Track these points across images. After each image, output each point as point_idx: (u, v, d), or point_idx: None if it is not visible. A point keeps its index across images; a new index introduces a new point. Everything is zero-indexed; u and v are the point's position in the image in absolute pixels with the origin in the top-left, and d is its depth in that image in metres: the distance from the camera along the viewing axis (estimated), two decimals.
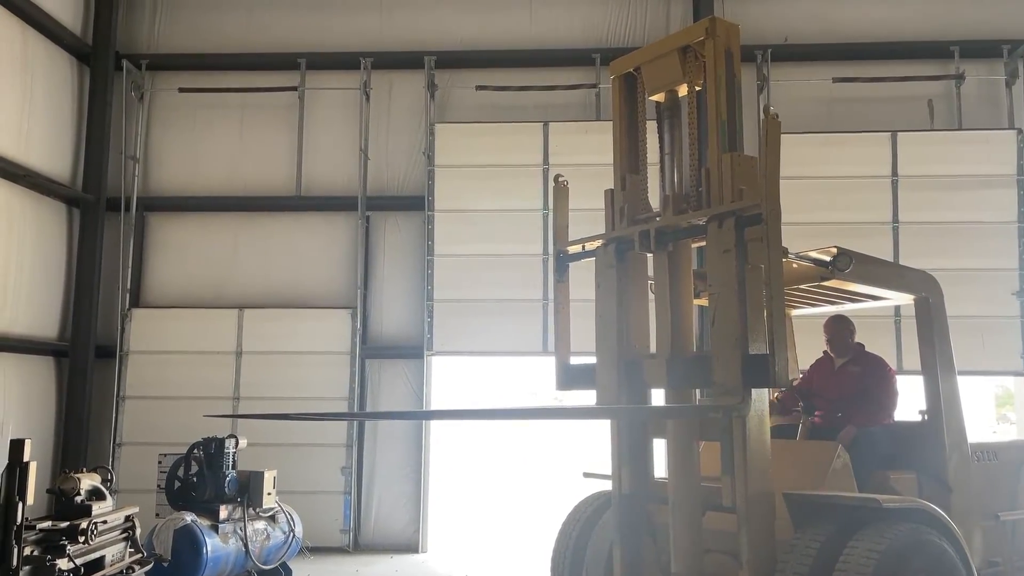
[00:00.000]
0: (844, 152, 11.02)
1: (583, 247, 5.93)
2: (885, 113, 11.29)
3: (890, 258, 10.30)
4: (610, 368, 5.57)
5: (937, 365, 6.11)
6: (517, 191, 11.23)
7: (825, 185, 10.91)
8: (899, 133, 11.03)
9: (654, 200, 5.72)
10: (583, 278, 6.17)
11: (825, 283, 5.88)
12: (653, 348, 5.65)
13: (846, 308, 6.77)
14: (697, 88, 5.27)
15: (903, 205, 10.90)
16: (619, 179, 5.77)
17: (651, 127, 5.83)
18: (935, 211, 10.83)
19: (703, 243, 5.25)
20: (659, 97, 5.60)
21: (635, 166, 5.78)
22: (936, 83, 11.37)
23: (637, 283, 5.70)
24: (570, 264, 6.09)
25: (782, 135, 4.80)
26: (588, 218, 6.67)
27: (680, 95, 5.50)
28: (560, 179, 6.04)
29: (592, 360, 5.76)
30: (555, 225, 6.10)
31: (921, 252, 10.32)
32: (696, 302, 5.97)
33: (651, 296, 5.74)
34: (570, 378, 5.96)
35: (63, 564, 5.24)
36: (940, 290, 6.30)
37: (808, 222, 10.24)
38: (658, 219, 5.47)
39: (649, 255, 5.64)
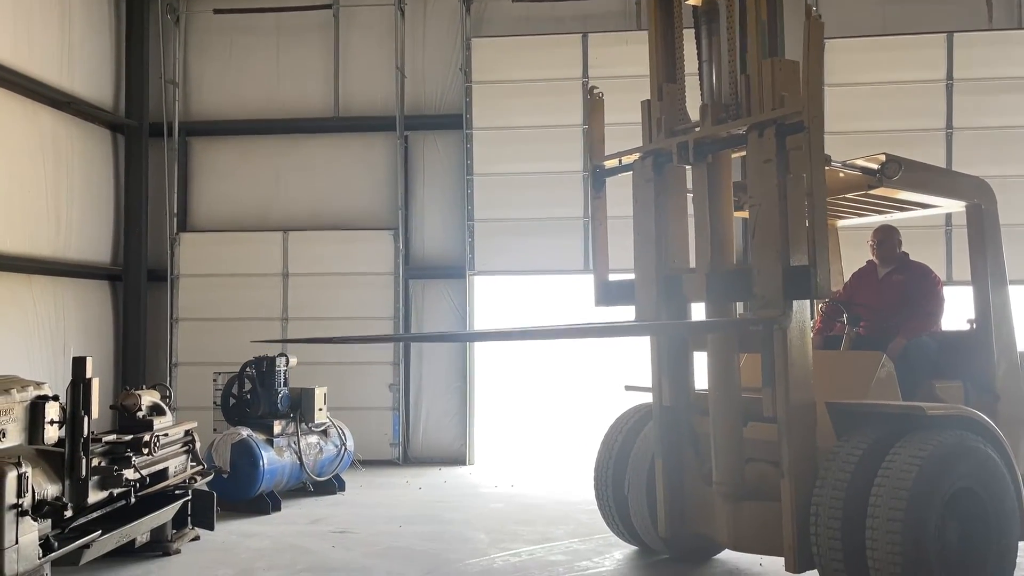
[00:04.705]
0: (896, 56, 10.57)
1: (620, 161, 5.84)
2: (940, 13, 10.73)
3: (942, 166, 9.97)
4: (649, 283, 5.56)
5: (988, 274, 6.00)
6: (556, 106, 11.05)
7: (876, 91, 10.52)
8: (955, 34, 10.51)
9: (693, 111, 5.57)
10: (621, 195, 6.11)
11: (873, 192, 5.74)
12: (692, 262, 5.61)
13: (895, 217, 6.63)
14: None
15: (957, 110, 10.48)
16: (655, 89, 5.63)
17: (688, 35, 5.64)
18: (991, 116, 10.41)
19: (743, 154, 5.15)
20: (696, 1, 5.39)
21: (672, 75, 5.62)
22: None
23: (676, 196, 5.61)
24: (607, 179, 6.02)
25: (831, 40, 4.64)
26: (629, 132, 6.55)
27: None
28: (595, 91, 5.93)
29: (631, 276, 5.75)
30: (590, 139, 6.02)
31: (975, 159, 9.96)
32: (737, 214, 5.89)
33: (690, 209, 5.67)
34: (609, 294, 5.96)
35: (129, 474, 5.51)
36: (993, 196, 6.13)
37: (857, 130, 9.96)
38: (697, 130, 5.35)
39: (688, 167, 5.54)
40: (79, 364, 4.98)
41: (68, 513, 4.83)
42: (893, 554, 4.39)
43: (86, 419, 4.92)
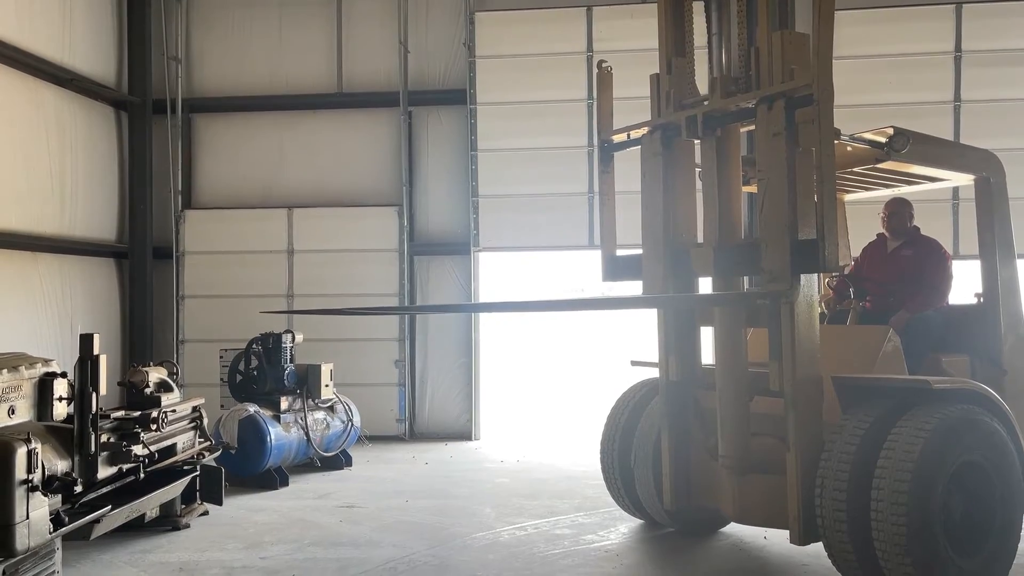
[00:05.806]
0: (904, 28, 10.46)
1: (628, 135, 5.84)
2: None
3: (951, 139, 9.90)
4: (656, 258, 5.57)
5: (996, 247, 5.99)
6: (560, 81, 10.98)
7: (883, 64, 10.43)
8: (964, 5, 10.40)
9: (701, 85, 5.56)
10: (628, 170, 6.09)
11: (881, 165, 5.71)
12: (700, 237, 5.62)
13: (902, 191, 6.60)
14: None
15: (966, 82, 10.38)
16: (664, 63, 5.62)
17: (698, 8, 5.61)
18: (1000, 88, 10.31)
19: (752, 128, 5.13)
20: None
21: (681, 49, 5.61)
22: None
23: (684, 171, 5.62)
24: (615, 154, 6.02)
25: (838, 12, 4.59)
26: (634, 107, 6.53)
27: None
28: (604, 65, 5.91)
29: (638, 252, 5.76)
30: (599, 113, 6.01)
31: (984, 132, 9.87)
32: (745, 189, 5.87)
33: (698, 184, 5.66)
34: (616, 269, 5.98)
35: (138, 450, 5.54)
36: (1002, 169, 6.09)
37: (864, 104, 9.87)
38: (705, 103, 5.34)
39: (696, 142, 5.53)
40: (86, 341, 4.98)
41: (78, 488, 4.86)
42: (898, 526, 4.41)
43: (94, 395, 4.94)
